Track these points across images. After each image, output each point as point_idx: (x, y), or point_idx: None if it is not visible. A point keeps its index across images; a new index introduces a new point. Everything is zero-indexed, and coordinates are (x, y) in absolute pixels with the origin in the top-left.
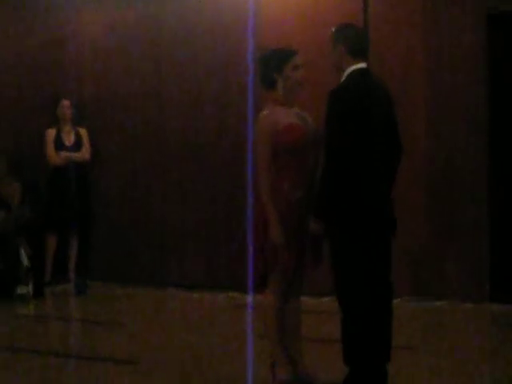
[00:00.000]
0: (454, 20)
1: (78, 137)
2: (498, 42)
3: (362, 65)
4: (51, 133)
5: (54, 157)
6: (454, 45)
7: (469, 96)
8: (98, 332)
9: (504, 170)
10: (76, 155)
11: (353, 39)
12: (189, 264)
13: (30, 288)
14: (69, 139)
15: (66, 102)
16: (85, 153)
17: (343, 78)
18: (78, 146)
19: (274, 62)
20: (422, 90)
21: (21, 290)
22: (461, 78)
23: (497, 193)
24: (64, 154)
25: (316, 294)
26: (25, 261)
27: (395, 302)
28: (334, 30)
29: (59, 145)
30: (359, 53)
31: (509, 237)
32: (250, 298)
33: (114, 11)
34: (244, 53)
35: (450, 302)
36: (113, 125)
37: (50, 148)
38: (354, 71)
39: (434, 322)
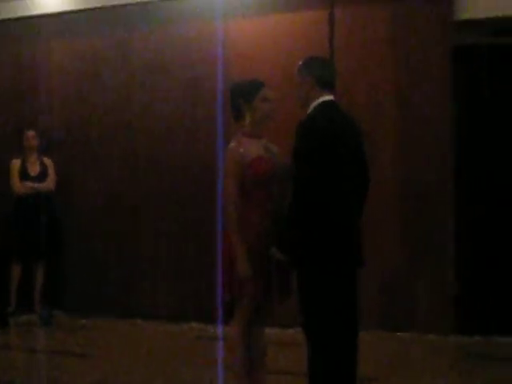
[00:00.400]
0: (422, 51)
1: (44, 167)
2: (465, 73)
3: (329, 97)
4: (16, 163)
5: (19, 186)
6: (422, 76)
7: (436, 125)
8: (62, 362)
9: (470, 196)
10: (40, 185)
11: (320, 71)
12: (158, 296)
13: None
14: (34, 169)
15: (30, 133)
16: (49, 183)
17: (310, 110)
18: (43, 175)
19: (243, 94)
20: (391, 119)
21: None
22: (428, 109)
23: (464, 223)
24: (28, 183)
25: (281, 326)
26: None
27: (362, 332)
28: (301, 62)
29: (24, 175)
30: (326, 84)
31: (475, 268)
32: (217, 330)
33: (83, 39)
34: (213, 83)
35: (417, 333)
36: (84, 153)
37: (15, 178)
38: (321, 103)
39: (400, 352)
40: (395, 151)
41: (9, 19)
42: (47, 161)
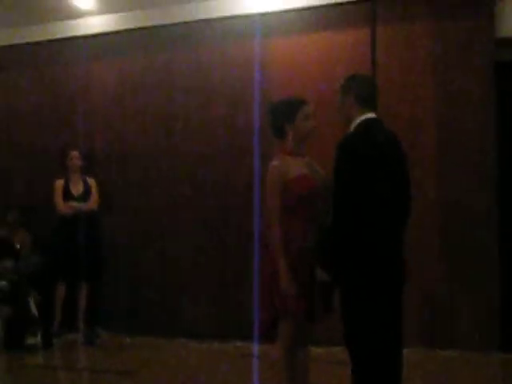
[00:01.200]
0: (463, 67)
1: (87, 187)
2: (506, 88)
3: (372, 114)
4: (60, 183)
5: (62, 206)
6: (464, 92)
7: (478, 141)
8: (107, 381)
9: None
10: (83, 205)
11: (362, 88)
12: (198, 314)
13: (39, 338)
14: (77, 189)
15: (74, 153)
16: (93, 203)
17: (352, 128)
18: (86, 195)
19: (285, 112)
20: (432, 136)
21: (30, 340)
22: (470, 125)
23: (508, 239)
24: (71, 203)
25: (326, 344)
26: (33, 310)
27: (406, 350)
28: (343, 80)
29: (67, 194)
30: (368, 102)
31: None
32: (256, 348)
33: (125, 61)
34: (251, 104)
35: (461, 350)
36: (123, 175)
37: (58, 197)
38: (363, 121)
39: (443, 370)
40: (437, 170)
41: (51, 40)
42: (90, 181)
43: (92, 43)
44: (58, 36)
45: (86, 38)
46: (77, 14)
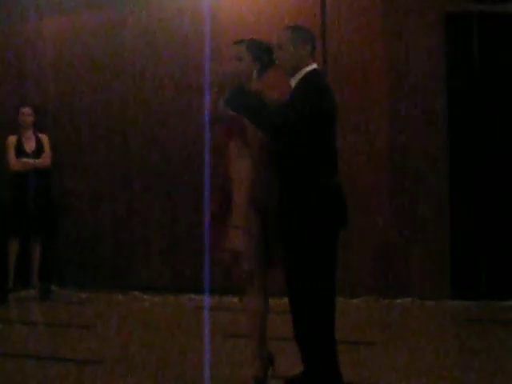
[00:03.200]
0: (413, 21)
1: (39, 143)
2: (457, 41)
3: (315, 65)
4: (12, 139)
5: (14, 163)
6: (414, 46)
7: (429, 94)
8: (62, 334)
9: (464, 162)
10: (37, 161)
11: (312, 40)
12: (152, 268)
13: None
14: (30, 145)
15: (25, 110)
16: (46, 158)
17: (303, 76)
18: (39, 152)
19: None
20: (383, 80)
21: None
22: (421, 71)
23: (458, 188)
24: (24, 159)
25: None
26: None
27: (359, 299)
28: (289, 29)
29: (20, 151)
30: (314, 53)
31: (468, 233)
32: (208, 300)
33: (76, 17)
34: (201, 56)
35: (413, 299)
36: (77, 130)
37: (11, 154)
38: (311, 72)
39: (397, 318)
40: (388, 122)
41: None
42: (43, 137)
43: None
44: None
45: None
46: None
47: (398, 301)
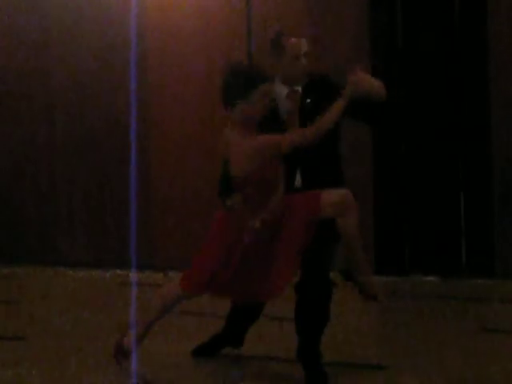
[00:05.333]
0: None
1: None
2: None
3: None
4: None
5: None
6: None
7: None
8: None
9: (386, 139)
10: None
11: None
12: (75, 242)
13: None
14: None
15: None
16: None
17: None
18: None
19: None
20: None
21: None
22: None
23: (380, 168)
24: None
25: None
26: None
27: None
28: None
29: None
30: None
31: (391, 210)
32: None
33: None
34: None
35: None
36: None
37: None
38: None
39: None
40: None
41: None
42: None
43: None
44: None
45: None
46: None
47: None
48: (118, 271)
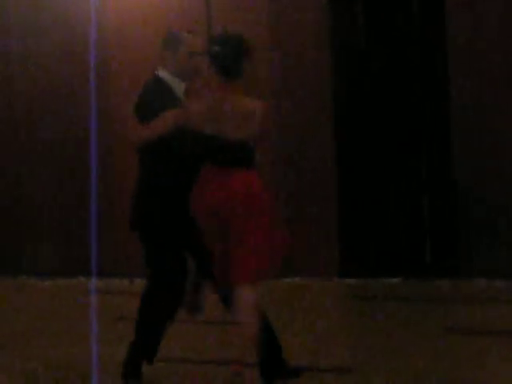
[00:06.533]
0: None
1: None
2: (342, 19)
3: None
4: None
5: None
6: (299, 25)
7: (314, 76)
8: None
9: (350, 144)
10: None
11: None
12: (41, 252)
13: None
14: None
15: None
16: None
17: None
18: None
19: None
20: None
21: None
22: (306, 60)
23: (344, 171)
24: None
25: None
26: None
27: None
28: None
29: None
30: None
31: (355, 213)
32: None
33: None
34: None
35: (300, 278)
36: None
37: None
38: None
39: (283, 298)
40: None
41: None
42: None
43: None
44: None
45: None
46: None
47: (287, 280)
48: (82, 278)
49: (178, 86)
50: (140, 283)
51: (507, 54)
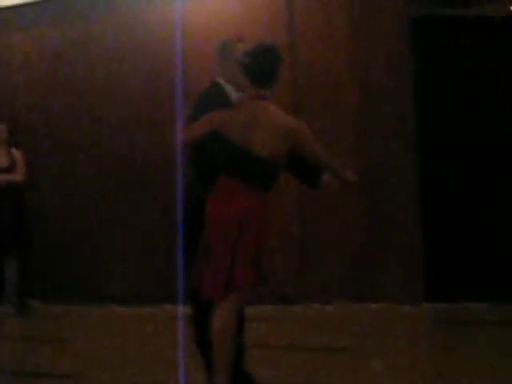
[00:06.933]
0: (378, 26)
1: (13, 159)
2: (423, 45)
3: None
4: None
5: None
6: (380, 52)
7: (396, 100)
8: (39, 349)
9: (435, 168)
10: (9, 176)
11: None
12: (128, 281)
13: None
14: (2, 161)
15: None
16: (19, 174)
17: None
18: (11, 167)
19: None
20: (351, 97)
21: None
22: (388, 85)
23: (429, 194)
24: None
25: None
26: None
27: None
28: None
29: None
30: None
31: (441, 238)
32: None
33: (44, 32)
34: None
35: (387, 304)
36: (48, 146)
37: None
38: None
39: (371, 324)
40: (354, 129)
41: None
42: (16, 153)
43: (11, 15)
44: None
45: (3, 9)
46: None
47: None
48: (168, 306)
49: (234, 95)
50: None
51: None
